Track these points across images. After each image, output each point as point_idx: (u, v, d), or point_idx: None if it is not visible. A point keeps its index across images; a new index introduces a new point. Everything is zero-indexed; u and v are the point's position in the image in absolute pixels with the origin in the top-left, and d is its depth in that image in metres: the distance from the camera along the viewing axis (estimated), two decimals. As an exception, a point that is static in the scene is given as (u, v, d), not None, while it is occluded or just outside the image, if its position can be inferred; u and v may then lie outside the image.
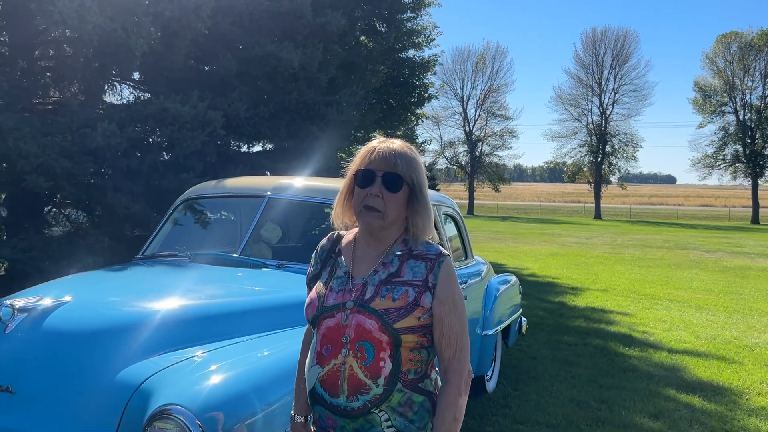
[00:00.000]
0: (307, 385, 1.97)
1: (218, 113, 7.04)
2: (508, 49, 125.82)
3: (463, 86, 59.55)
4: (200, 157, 7.42)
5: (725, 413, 5.36)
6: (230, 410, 2.21)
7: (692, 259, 19.01)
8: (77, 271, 4.08)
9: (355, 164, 2.01)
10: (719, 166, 53.25)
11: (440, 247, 2.03)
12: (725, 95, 52.32)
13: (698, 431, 4.94)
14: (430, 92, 21.25)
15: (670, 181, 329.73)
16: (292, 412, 2.10)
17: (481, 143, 58.68)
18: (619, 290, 12.05)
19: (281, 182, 4.18)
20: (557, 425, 4.93)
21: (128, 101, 8.64)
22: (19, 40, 8.06)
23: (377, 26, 18.67)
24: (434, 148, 58.11)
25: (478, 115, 59.10)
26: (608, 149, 54.69)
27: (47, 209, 8.32)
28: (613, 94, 55.25)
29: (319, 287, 2.01)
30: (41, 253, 6.66)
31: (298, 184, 4.15)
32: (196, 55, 8.56)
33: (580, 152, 56.38)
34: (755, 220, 50.17)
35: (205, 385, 2.26)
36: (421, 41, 20.66)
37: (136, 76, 9.21)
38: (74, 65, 7.41)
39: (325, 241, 2.15)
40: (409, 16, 19.78)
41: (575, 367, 6.60)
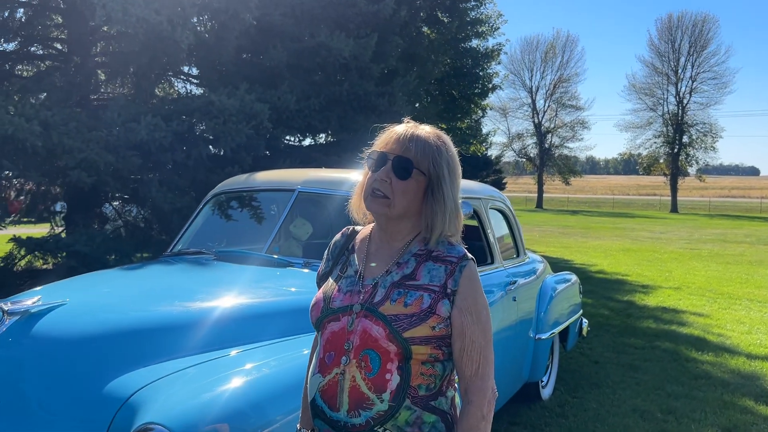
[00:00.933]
0: (308, 395, 1.76)
1: (265, 106, 6.87)
2: (578, 37, 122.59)
3: (531, 76, 58.49)
4: (249, 150, 7.27)
5: (810, 429, 4.83)
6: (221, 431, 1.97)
7: (776, 255, 17.86)
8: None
9: (372, 147, 1.80)
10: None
11: (464, 248, 1.78)
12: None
13: (778, 449, 4.46)
14: (494, 83, 20.73)
15: (753, 172, 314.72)
16: (298, 425, 1.88)
17: (550, 135, 57.45)
18: (693, 288, 11.33)
19: (312, 175, 3.93)
20: (617, 438, 4.54)
21: (179, 96, 8.60)
22: (75, 36, 8.14)
23: (439, 16, 18.27)
24: (501, 140, 57.18)
25: (547, 105, 57.90)
26: (685, 140, 52.57)
27: (103, 205, 8.38)
28: (690, 82, 53.05)
29: (326, 287, 1.81)
30: (97, 247, 6.65)
31: (330, 176, 3.89)
32: (248, 47, 8.44)
33: (655, 143, 54.46)
34: None
35: (196, 401, 2.03)
36: (484, 30, 20.15)
37: (188, 69, 9.22)
38: (124, 60, 7.40)
39: (339, 236, 1.94)
40: (472, 4, 19.28)
41: (641, 372, 6.13)
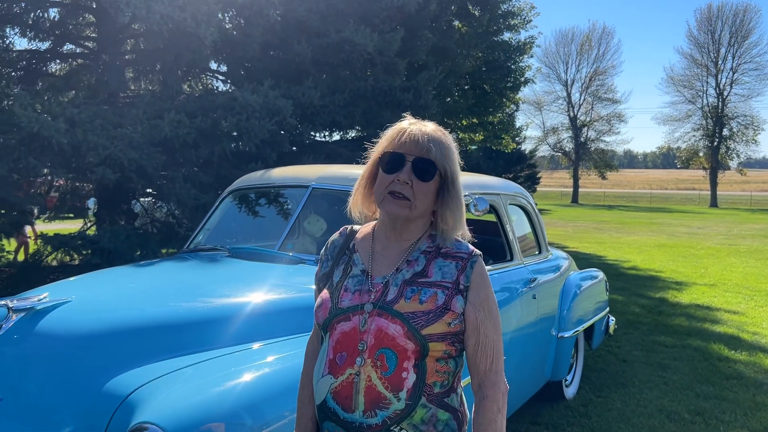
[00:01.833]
0: (316, 397, 1.72)
1: (288, 101, 6.87)
2: (615, 29, 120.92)
3: (567, 69, 57.66)
4: (273, 146, 7.28)
5: None
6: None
7: (819, 251, 17.32)
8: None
9: (380, 146, 1.76)
10: None
11: (470, 245, 1.78)
12: None
13: (811, 454, 4.29)
14: (527, 76, 20.42)
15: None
16: None
17: (586, 128, 56.60)
18: (729, 285, 11.04)
19: (327, 171, 3.90)
20: (641, 440, 4.43)
21: (204, 92, 8.65)
22: (105, 35, 8.24)
23: (470, 9, 18.08)
24: (535, 134, 56.55)
25: (583, 99, 57.03)
26: (726, 133, 51.36)
27: (131, 201, 8.48)
28: (731, 73, 51.79)
29: (331, 287, 1.77)
30: (122, 243, 6.73)
31: (344, 172, 3.85)
32: (273, 43, 8.45)
33: (694, 136, 53.35)
34: None
35: (192, 401, 2.02)
36: (517, 23, 19.88)
37: (217, 66, 9.27)
38: (150, 57, 7.47)
39: (336, 235, 1.90)
40: (504, -3, 19.05)
41: (670, 372, 5.98)
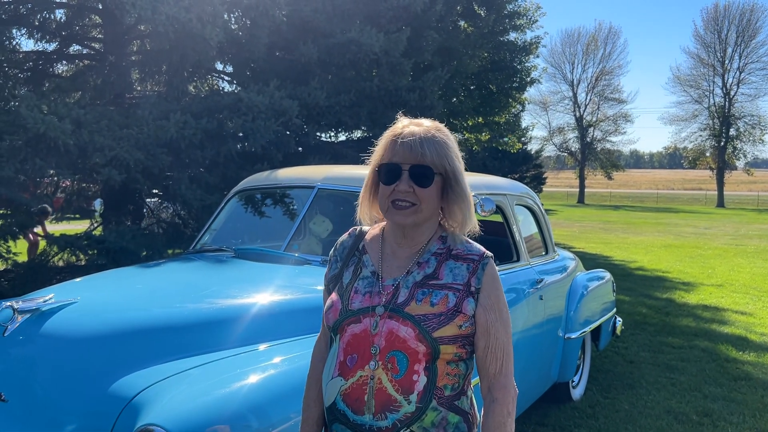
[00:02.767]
0: (325, 399, 1.71)
1: (294, 102, 6.86)
2: (621, 29, 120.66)
3: (573, 69, 57.49)
4: (279, 147, 7.28)
5: None
6: (219, 433, 1.93)
7: (827, 251, 17.22)
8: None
9: (376, 155, 1.74)
10: None
11: (482, 246, 1.77)
12: None
13: (820, 456, 4.26)
14: (533, 76, 20.38)
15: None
16: None
17: (592, 128, 56.40)
18: (737, 286, 10.98)
19: (333, 171, 3.89)
20: (649, 442, 4.40)
21: (209, 93, 8.65)
22: (111, 36, 8.25)
23: (476, 9, 18.05)
24: (542, 134, 56.41)
25: (589, 99, 56.83)
26: (732, 133, 51.10)
27: (137, 202, 8.49)
28: (738, 73, 51.52)
29: (341, 289, 1.76)
30: (127, 244, 6.73)
31: (350, 173, 3.84)
32: (279, 44, 8.45)
33: (701, 136, 53.09)
34: None
35: (197, 403, 2.01)
36: (522, 23, 19.84)
37: (223, 67, 9.28)
38: (156, 58, 7.47)
39: (345, 236, 1.89)
40: (510, -3, 19.00)
41: (678, 373, 5.95)
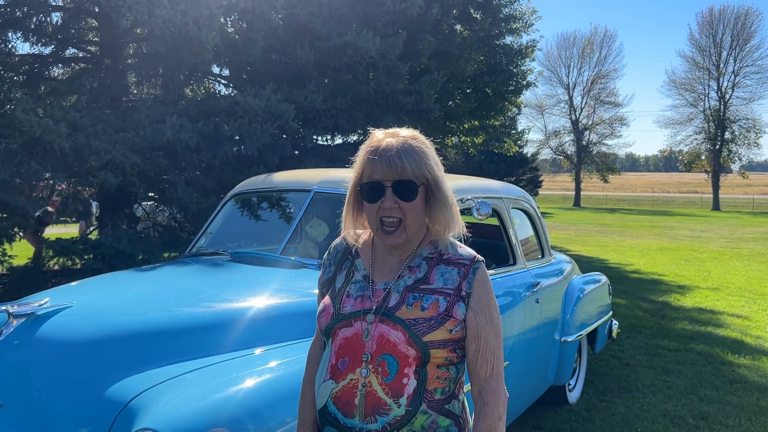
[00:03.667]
0: (317, 402, 1.72)
1: (290, 105, 6.86)
2: (616, 32, 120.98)
3: (568, 73, 57.63)
4: (275, 150, 7.27)
5: None
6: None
7: (822, 254, 17.26)
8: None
9: (356, 173, 1.75)
10: None
11: (473, 251, 1.78)
12: None
13: (816, 459, 4.27)
14: (528, 80, 20.40)
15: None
16: None
17: (588, 132, 56.53)
18: (732, 289, 11.01)
19: (329, 175, 3.89)
20: (645, 445, 4.41)
21: (205, 96, 8.65)
22: (107, 39, 8.24)
23: (472, 13, 18.10)
24: (538, 137, 56.50)
25: (585, 102, 56.98)
26: (728, 136, 51.22)
27: (134, 205, 8.47)
28: (733, 76, 51.65)
29: (333, 292, 1.77)
30: (124, 247, 6.71)
31: (347, 176, 3.83)
32: (275, 47, 8.45)
33: (696, 139, 53.20)
34: None
35: (193, 407, 2.00)
36: (518, 27, 19.87)
37: (219, 70, 9.27)
38: (152, 61, 7.45)
39: (339, 240, 1.91)
40: (505, 1, 19.06)
41: (674, 376, 5.96)
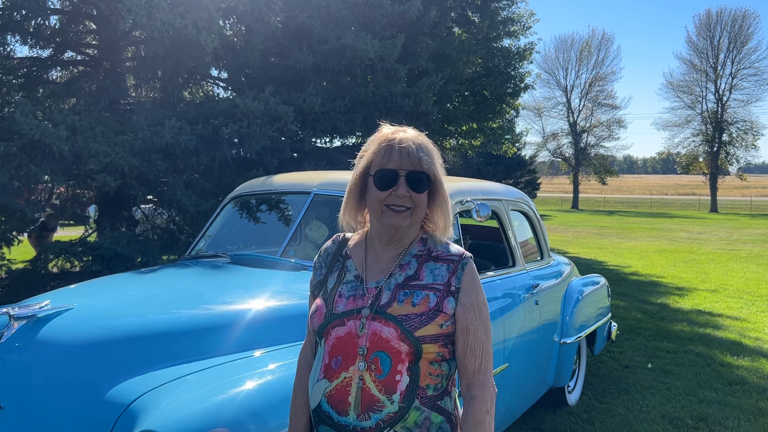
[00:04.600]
0: (311, 402, 1.74)
1: (289, 108, 6.87)
2: (614, 35, 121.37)
3: (566, 75, 57.63)
4: (274, 153, 7.28)
5: None
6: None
7: (820, 256, 17.29)
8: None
9: (367, 161, 1.78)
10: None
11: (461, 247, 1.81)
12: None
13: (815, 460, 4.28)
14: (526, 82, 20.42)
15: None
16: None
17: (586, 134, 56.57)
18: (731, 291, 11.02)
19: (329, 177, 3.90)
20: (644, 446, 4.41)
21: (204, 99, 8.66)
22: (106, 42, 8.25)
23: (470, 15, 18.14)
24: (536, 140, 56.54)
25: (582, 104, 57.00)
26: (725, 138, 51.29)
27: (133, 208, 8.47)
28: (730, 79, 51.73)
29: (325, 293, 1.79)
30: (122, 250, 6.71)
31: (346, 178, 3.81)
32: (274, 50, 8.46)
33: (694, 142, 53.25)
34: None
35: (194, 409, 2.01)
36: (516, 30, 19.91)
37: (218, 73, 9.28)
38: (152, 64, 7.47)
39: (329, 243, 1.94)
40: (503, 4, 19.08)
41: (673, 377, 5.97)
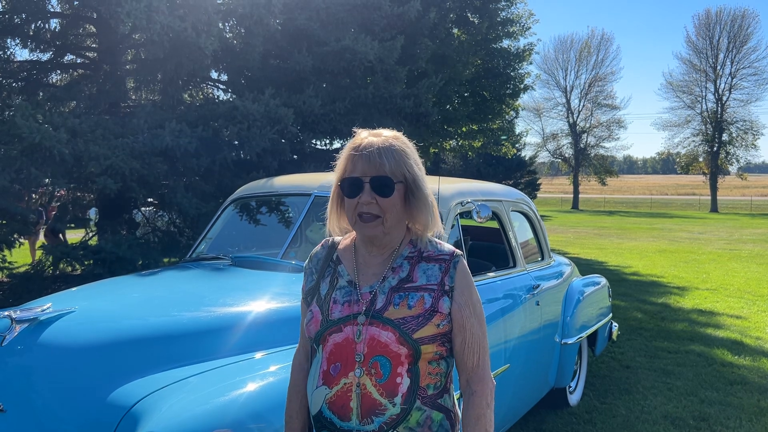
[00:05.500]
0: (311, 408, 1.74)
1: (289, 110, 6.89)
2: (614, 35, 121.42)
3: (566, 76, 57.67)
4: (274, 155, 7.29)
5: None
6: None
7: (820, 255, 17.29)
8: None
9: (338, 170, 1.77)
10: None
11: (451, 246, 1.80)
12: None
13: (817, 459, 4.28)
14: (526, 83, 20.45)
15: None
16: None
17: (586, 134, 56.60)
18: (731, 290, 11.02)
19: (329, 179, 3.86)
20: (646, 447, 4.41)
21: (204, 101, 8.66)
22: (106, 45, 8.26)
23: (469, 17, 18.14)
24: (536, 140, 56.53)
25: (582, 105, 57.03)
26: (725, 138, 51.32)
27: (133, 211, 8.48)
28: (729, 78, 51.76)
29: (320, 300, 1.79)
30: (123, 253, 6.72)
31: (347, 180, 3.84)
32: (274, 52, 8.48)
33: (693, 141, 53.30)
34: None
35: (196, 411, 2.01)
36: (515, 30, 19.93)
37: (218, 76, 9.30)
38: (151, 67, 7.48)
39: (318, 248, 1.93)
40: (502, 5, 19.09)
41: (674, 377, 5.97)
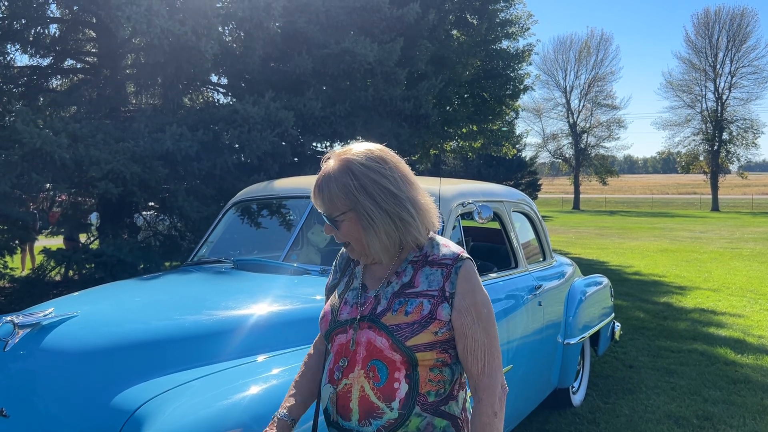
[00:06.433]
0: (321, 403, 1.76)
1: (289, 113, 6.89)
2: (613, 35, 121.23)
3: (565, 76, 57.79)
4: (275, 158, 7.29)
5: None
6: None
7: (822, 253, 17.27)
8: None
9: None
10: None
11: (459, 249, 1.76)
12: None
13: (821, 458, 4.27)
14: (526, 83, 20.48)
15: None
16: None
17: (586, 134, 56.65)
18: (733, 289, 11.01)
19: (330, 182, 3.89)
20: (650, 446, 4.41)
21: (205, 105, 8.67)
22: (105, 49, 8.27)
23: (468, 18, 18.17)
24: (536, 141, 56.55)
25: (582, 105, 57.10)
26: (725, 136, 51.35)
27: (134, 215, 8.48)
28: (729, 77, 51.84)
29: (333, 299, 1.82)
30: (125, 257, 6.72)
31: (348, 183, 3.84)
32: (274, 55, 8.48)
33: (694, 141, 53.33)
34: None
35: (199, 414, 2.01)
36: (515, 31, 19.96)
37: (217, 79, 9.30)
38: (151, 71, 7.48)
39: (344, 248, 1.91)
40: (501, 6, 19.12)
41: (677, 377, 5.96)
